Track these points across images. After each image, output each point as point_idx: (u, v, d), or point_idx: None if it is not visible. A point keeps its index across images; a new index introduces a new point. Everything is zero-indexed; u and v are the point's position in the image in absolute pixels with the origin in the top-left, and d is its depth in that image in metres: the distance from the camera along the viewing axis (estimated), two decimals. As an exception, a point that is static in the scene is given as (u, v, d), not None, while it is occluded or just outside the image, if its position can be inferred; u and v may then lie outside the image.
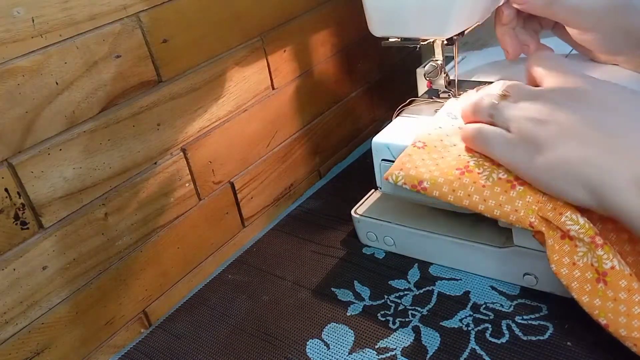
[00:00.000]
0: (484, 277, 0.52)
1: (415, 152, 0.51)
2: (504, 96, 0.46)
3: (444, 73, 0.57)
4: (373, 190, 0.60)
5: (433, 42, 0.56)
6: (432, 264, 0.55)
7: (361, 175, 0.52)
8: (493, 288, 0.51)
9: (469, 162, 0.48)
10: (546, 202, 0.43)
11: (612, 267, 0.40)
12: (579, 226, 0.41)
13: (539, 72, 0.48)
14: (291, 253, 0.62)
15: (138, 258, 0.55)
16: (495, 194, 0.45)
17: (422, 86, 0.64)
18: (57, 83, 0.46)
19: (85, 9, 0.47)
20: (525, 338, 0.46)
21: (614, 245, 0.42)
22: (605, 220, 0.43)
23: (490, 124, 0.47)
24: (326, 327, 0.51)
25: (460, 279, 0.53)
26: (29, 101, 0.44)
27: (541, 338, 0.45)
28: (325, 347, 0.49)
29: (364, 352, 0.47)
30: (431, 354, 0.46)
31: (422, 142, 0.51)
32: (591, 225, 0.41)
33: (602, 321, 0.41)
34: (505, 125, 0.45)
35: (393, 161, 0.52)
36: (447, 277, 0.54)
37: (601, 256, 0.40)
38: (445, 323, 0.49)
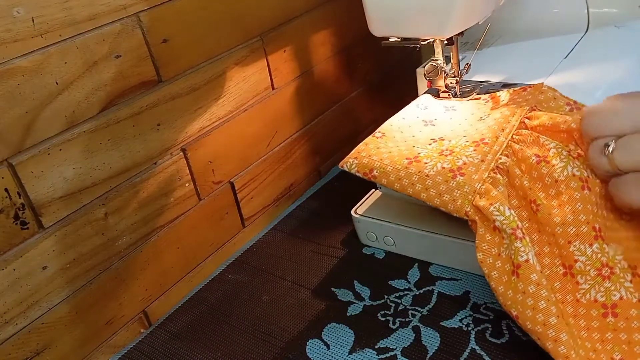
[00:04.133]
0: (484, 277, 0.52)
1: (372, 141, 0.53)
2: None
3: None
4: (373, 190, 0.60)
5: (433, 42, 0.56)
6: (432, 264, 0.55)
7: (361, 175, 0.52)
8: (493, 288, 0.51)
9: (419, 153, 0.50)
10: (483, 193, 0.45)
11: (527, 260, 0.42)
12: (503, 217, 0.43)
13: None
14: (291, 253, 0.62)
15: (138, 258, 0.55)
16: (437, 183, 0.47)
17: (422, 86, 0.64)
18: (57, 83, 0.46)
19: (85, 9, 0.47)
20: (525, 338, 0.45)
21: (534, 245, 0.44)
22: (532, 219, 0.45)
23: None
24: (326, 327, 0.51)
25: (460, 279, 0.53)
26: (29, 101, 0.44)
27: (541, 338, 0.45)
28: (325, 347, 0.49)
29: (364, 352, 0.47)
30: (431, 354, 0.46)
31: (381, 132, 0.54)
32: (516, 218, 0.43)
33: (514, 312, 0.42)
34: None
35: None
36: (447, 277, 0.54)
37: (518, 248, 0.42)
38: (445, 323, 0.49)
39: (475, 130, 0.52)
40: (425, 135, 0.54)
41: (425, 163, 0.49)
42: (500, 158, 0.47)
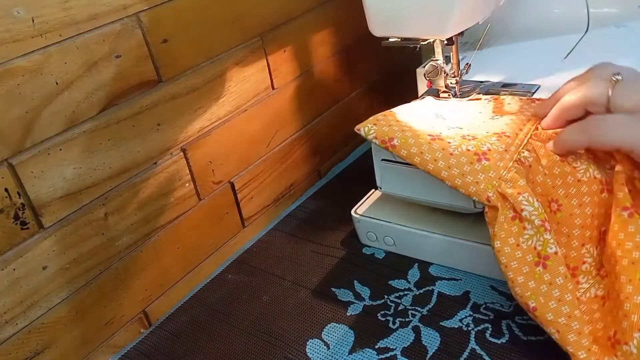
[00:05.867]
0: (484, 277, 0.52)
1: (391, 114, 0.52)
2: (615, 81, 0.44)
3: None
4: (373, 190, 0.60)
5: (433, 42, 0.56)
6: (432, 264, 0.55)
7: (361, 175, 0.52)
8: (493, 288, 0.51)
9: (441, 132, 0.49)
10: (508, 180, 0.44)
11: (556, 253, 0.42)
12: (533, 208, 0.42)
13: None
14: (291, 253, 0.62)
15: (138, 258, 0.55)
16: (461, 163, 0.46)
17: (422, 86, 0.64)
18: (57, 83, 0.46)
19: (85, 9, 0.47)
20: (525, 338, 0.46)
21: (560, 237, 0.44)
22: (555, 218, 0.45)
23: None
24: (326, 327, 0.51)
25: (460, 279, 0.53)
26: (29, 101, 0.44)
27: (541, 338, 0.45)
28: (325, 347, 0.49)
29: (364, 352, 0.47)
30: (431, 354, 0.46)
31: (397, 111, 0.53)
32: (543, 211, 0.43)
33: (532, 304, 0.42)
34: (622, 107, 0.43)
35: (393, 161, 0.52)
36: (447, 277, 0.54)
37: (548, 240, 0.42)
38: (445, 323, 0.49)
39: (491, 126, 0.51)
40: (440, 122, 0.53)
41: (449, 142, 0.47)
42: (523, 152, 0.47)
